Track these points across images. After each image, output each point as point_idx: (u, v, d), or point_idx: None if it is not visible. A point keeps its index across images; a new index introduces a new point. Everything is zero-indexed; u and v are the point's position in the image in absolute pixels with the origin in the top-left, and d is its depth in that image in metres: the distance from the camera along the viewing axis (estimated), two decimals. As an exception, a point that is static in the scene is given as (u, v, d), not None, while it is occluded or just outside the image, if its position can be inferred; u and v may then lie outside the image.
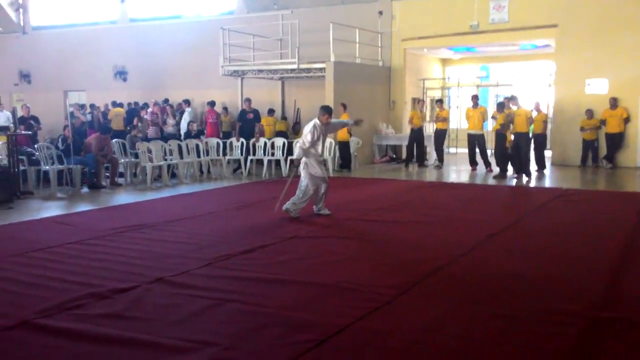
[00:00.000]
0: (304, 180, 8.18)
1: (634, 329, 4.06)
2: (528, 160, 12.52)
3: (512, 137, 12.44)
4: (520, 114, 12.46)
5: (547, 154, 14.97)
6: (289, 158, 8.26)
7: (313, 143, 8.03)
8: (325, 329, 4.02)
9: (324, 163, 8.33)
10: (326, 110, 8.20)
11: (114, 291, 4.90)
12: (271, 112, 15.64)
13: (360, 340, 3.90)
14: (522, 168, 12.41)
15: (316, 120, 8.13)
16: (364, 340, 3.91)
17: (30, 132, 12.86)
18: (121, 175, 12.51)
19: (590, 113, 14.03)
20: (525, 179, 12.24)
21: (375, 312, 4.39)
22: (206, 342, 3.84)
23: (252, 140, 13.69)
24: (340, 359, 3.67)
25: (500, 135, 12.63)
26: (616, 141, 13.97)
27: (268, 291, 4.94)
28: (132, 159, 12.60)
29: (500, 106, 12.97)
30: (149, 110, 15.87)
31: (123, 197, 10.48)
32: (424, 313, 4.41)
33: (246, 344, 3.85)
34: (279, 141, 13.60)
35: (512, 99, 12.98)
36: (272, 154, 13.50)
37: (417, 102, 15.64)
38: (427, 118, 16.89)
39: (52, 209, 9.31)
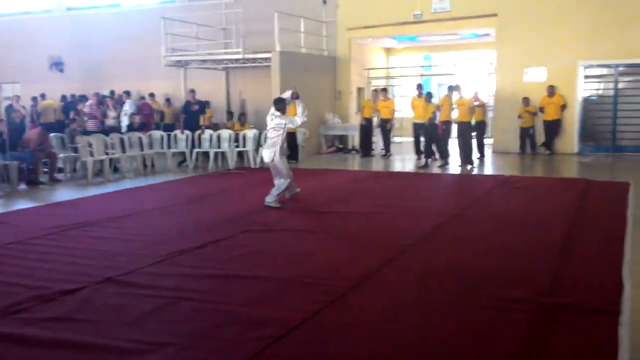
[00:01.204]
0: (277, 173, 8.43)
1: (582, 313, 4.20)
2: (471, 149, 12.78)
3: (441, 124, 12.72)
4: (463, 104, 12.71)
5: (489, 141, 15.35)
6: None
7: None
8: (284, 324, 3.99)
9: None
10: (275, 103, 8.27)
11: (60, 293, 4.73)
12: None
13: (319, 335, 3.89)
14: (465, 157, 12.67)
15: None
16: (323, 334, 3.90)
17: (-39, 127, 12.22)
18: (60, 170, 12.08)
19: (526, 101, 14.43)
20: (468, 167, 12.51)
21: (331, 305, 4.39)
22: (161, 343, 3.75)
23: (197, 132, 13.45)
24: (301, 354, 3.65)
25: (432, 125, 12.83)
26: (554, 128, 14.42)
27: (223, 288, 4.86)
28: (72, 154, 12.17)
29: (429, 96, 13.20)
30: (88, 102, 15.33)
31: (63, 194, 10.11)
32: (379, 305, 4.43)
33: (204, 343, 3.78)
34: (225, 133, 13.41)
35: (455, 88, 13.22)
36: (219, 146, 13.31)
37: (376, 91, 15.45)
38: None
39: (-12, 208, 8.91)
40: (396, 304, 4.43)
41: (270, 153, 8.43)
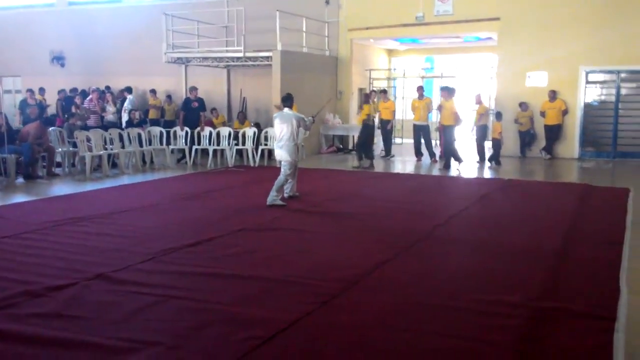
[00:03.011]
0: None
1: (577, 318, 4.15)
2: (453, 150, 12.76)
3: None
4: (446, 108, 12.72)
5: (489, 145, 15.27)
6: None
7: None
8: (273, 325, 3.93)
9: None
10: (283, 101, 8.66)
11: (50, 289, 4.67)
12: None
13: (309, 337, 3.83)
14: (447, 159, 12.66)
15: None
16: (313, 336, 3.84)
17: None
18: (58, 165, 12.02)
19: (525, 106, 14.38)
20: (451, 170, 12.46)
21: (323, 306, 4.34)
22: (149, 342, 3.70)
23: (197, 129, 13.40)
24: (289, 356, 3.60)
25: (365, 126, 12.82)
26: (555, 133, 14.37)
27: (214, 286, 4.81)
28: (70, 148, 12.12)
29: (366, 97, 13.27)
30: (88, 97, 15.26)
31: (60, 188, 10.06)
32: (371, 307, 4.37)
33: (191, 343, 3.72)
34: (225, 130, 13.37)
35: (444, 89, 13.16)
36: (218, 144, 13.26)
37: (370, 93, 15.54)
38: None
39: (-17, 201, 8.86)
40: (388, 307, 4.37)
41: (280, 151, 8.47)
